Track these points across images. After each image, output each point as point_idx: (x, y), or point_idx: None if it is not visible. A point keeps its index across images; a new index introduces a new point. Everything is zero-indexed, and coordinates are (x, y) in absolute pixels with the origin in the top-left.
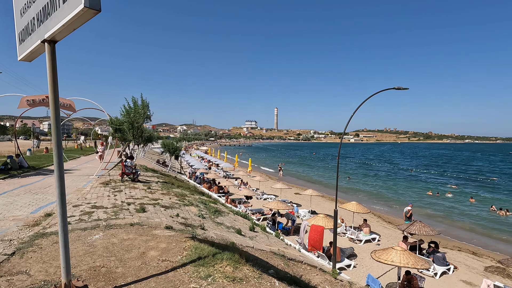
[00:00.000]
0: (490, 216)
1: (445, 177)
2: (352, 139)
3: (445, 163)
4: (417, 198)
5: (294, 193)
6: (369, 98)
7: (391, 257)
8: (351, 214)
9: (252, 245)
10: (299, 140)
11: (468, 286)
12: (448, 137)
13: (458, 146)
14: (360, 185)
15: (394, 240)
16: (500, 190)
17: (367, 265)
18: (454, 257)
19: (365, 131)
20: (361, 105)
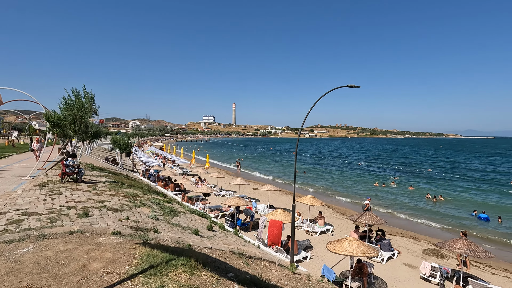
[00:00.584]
0: (426, 203)
1: (389, 169)
2: (307, 134)
3: (388, 156)
4: (365, 189)
5: (252, 189)
6: (324, 96)
7: (344, 248)
8: (307, 207)
9: (210, 246)
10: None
11: (409, 268)
12: (391, 132)
13: (399, 140)
14: (315, 179)
15: (347, 230)
16: (434, 180)
17: (322, 256)
18: (398, 243)
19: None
20: (317, 102)
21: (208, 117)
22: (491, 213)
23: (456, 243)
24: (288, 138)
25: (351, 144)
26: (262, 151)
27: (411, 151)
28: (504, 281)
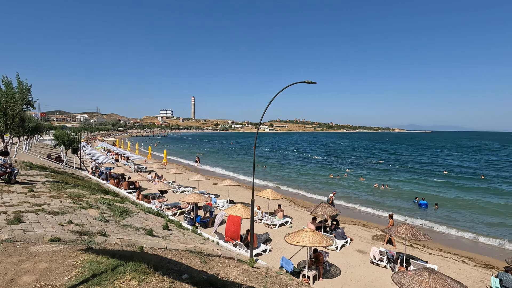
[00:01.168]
0: (374, 192)
1: (343, 162)
2: (267, 129)
3: (342, 150)
4: (321, 181)
5: (212, 184)
6: (282, 91)
7: (301, 239)
8: (267, 201)
9: (165, 246)
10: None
11: (360, 254)
12: (345, 127)
13: (352, 135)
14: (275, 173)
15: (304, 221)
16: (381, 171)
17: (281, 248)
18: (350, 231)
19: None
20: (275, 97)
21: (166, 111)
22: (429, 200)
23: (400, 229)
24: (248, 133)
25: (309, 138)
26: (223, 145)
27: (362, 144)
28: (439, 260)
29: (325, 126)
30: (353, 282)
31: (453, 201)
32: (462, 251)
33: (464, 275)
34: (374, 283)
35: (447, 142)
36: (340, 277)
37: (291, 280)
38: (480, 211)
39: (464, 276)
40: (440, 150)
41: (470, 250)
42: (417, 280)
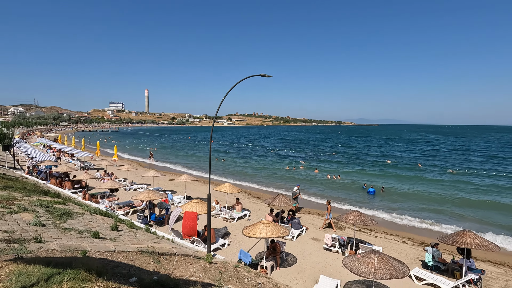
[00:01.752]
0: (327, 182)
1: (299, 154)
2: (226, 122)
3: (298, 143)
4: (278, 174)
5: (168, 180)
6: (238, 84)
7: (259, 231)
8: (225, 195)
9: (113, 249)
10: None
11: (315, 241)
12: (301, 120)
13: (307, 128)
14: (234, 167)
15: (262, 214)
16: (333, 162)
17: (239, 241)
18: (306, 220)
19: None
20: (231, 90)
21: (116, 104)
22: (376, 188)
23: (350, 215)
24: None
25: (267, 132)
26: (180, 140)
27: (317, 137)
28: (383, 242)
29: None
30: (308, 269)
31: (395, 188)
32: (403, 233)
33: (404, 254)
34: (327, 268)
35: (391, 134)
36: (296, 265)
37: (249, 272)
38: (418, 197)
39: (404, 255)
40: (385, 142)
41: (409, 231)
42: (365, 262)
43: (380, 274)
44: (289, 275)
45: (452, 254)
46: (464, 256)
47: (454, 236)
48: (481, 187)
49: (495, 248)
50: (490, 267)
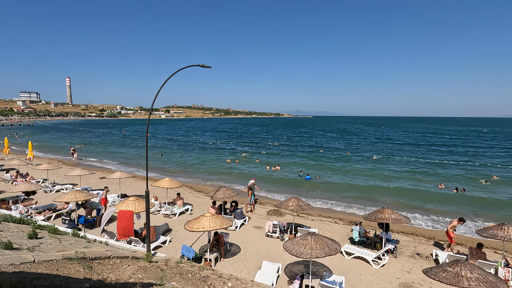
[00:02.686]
0: (267, 172)
1: (240, 146)
2: (163, 115)
3: (239, 135)
4: (219, 166)
5: (99, 178)
6: (174, 74)
7: (201, 224)
8: (165, 190)
9: (32, 259)
10: (103, 117)
11: (257, 229)
12: (241, 112)
13: (248, 120)
14: (173, 161)
15: (205, 207)
16: (272, 153)
17: (182, 236)
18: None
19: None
20: (168, 80)
21: (29, 94)
22: (312, 173)
23: (289, 202)
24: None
25: (207, 124)
26: (111, 134)
27: (257, 129)
28: (319, 224)
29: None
30: (252, 256)
31: (328, 174)
32: (335, 214)
33: (336, 233)
34: (269, 253)
35: (325, 125)
36: (240, 254)
37: (193, 266)
38: (347, 181)
39: (336, 234)
40: (322, 133)
41: (340, 212)
42: (303, 244)
43: (316, 253)
44: (233, 265)
45: (374, 229)
46: (384, 229)
47: (375, 213)
48: (397, 171)
49: (407, 221)
50: (403, 236)
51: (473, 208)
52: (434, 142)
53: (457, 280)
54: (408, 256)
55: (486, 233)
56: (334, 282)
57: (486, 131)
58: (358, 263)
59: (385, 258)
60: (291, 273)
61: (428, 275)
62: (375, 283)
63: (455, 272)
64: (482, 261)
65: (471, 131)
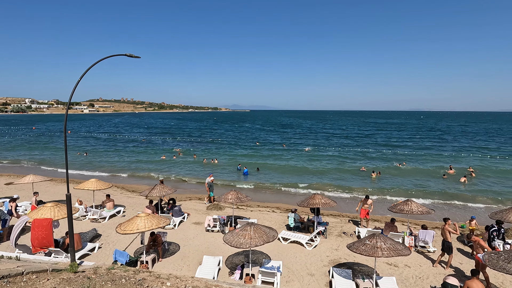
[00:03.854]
0: (206, 166)
1: (176, 142)
2: (86, 110)
3: (175, 130)
4: (154, 163)
5: (4, 184)
6: (97, 63)
7: (136, 226)
8: (91, 192)
9: None
10: (7, 112)
11: (197, 225)
12: (177, 107)
13: (184, 114)
14: (100, 160)
15: (140, 207)
16: (211, 147)
17: (114, 241)
18: (187, 206)
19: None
20: (89, 70)
21: None
22: (250, 167)
23: (228, 195)
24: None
25: (139, 120)
26: (20, 132)
27: (195, 124)
28: (258, 214)
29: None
30: (192, 253)
31: (265, 165)
32: (272, 203)
33: (274, 221)
34: (210, 248)
35: (263, 119)
36: (179, 252)
37: (127, 271)
38: (283, 172)
39: (274, 222)
40: (259, 127)
41: (276, 201)
42: (242, 234)
43: (255, 242)
44: (172, 264)
45: (307, 214)
46: (315, 214)
47: (307, 200)
48: (327, 160)
49: (334, 204)
50: (332, 218)
51: (388, 187)
52: (362, 134)
53: (374, 251)
54: (336, 236)
55: (395, 209)
56: (272, 267)
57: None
58: (294, 247)
59: (317, 240)
60: (232, 264)
61: (351, 249)
62: (308, 263)
63: (372, 245)
64: (393, 233)
65: (391, 123)
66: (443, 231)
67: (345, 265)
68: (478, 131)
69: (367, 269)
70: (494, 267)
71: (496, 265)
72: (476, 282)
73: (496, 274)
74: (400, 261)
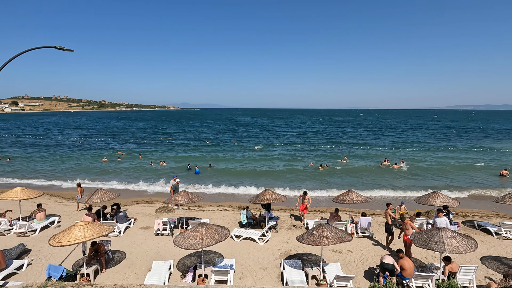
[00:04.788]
0: (152, 168)
1: (118, 143)
2: (8, 108)
3: (119, 131)
4: (95, 166)
5: None
6: (19, 55)
7: (74, 236)
8: (17, 203)
9: None
10: None
11: (145, 230)
12: (120, 105)
13: (128, 113)
14: (29, 166)
15: (78, 216)
16: (160, 148)
17: (47, 255)
18: (133, 210)
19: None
20: (10, 63)
21: None
22: (201, 165)
23: (178, 196)
24: None
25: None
26: None
27: (141, 124)
28: (210, 214)
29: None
30: (140, 259)
31: (218, 164)
32: (224, 202)
33: (227, 220)
34: (160, 253)
35: (214, 117)
36: (126, 260)
37: (63, 287)
38: (235, 170)
39: (227, 220)
40: (210, 125)
41: (228, 200)
42: (193, 235)
43: (207, 242)
44: (118, 273)
45: (259, 210)
46: (266, 209)
47: (259, 196)
48: (277, 156)
49: (284, 199)
50: (282, 213)
51: (332, 180)
52: (310, 131)
53: (320, 240)
54: (286, 229)
55: (339, 199)
56: (226, 266)
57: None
58: (247, 243)
59: (269, 234)
60: (184, 267)
61: (300, 241)
62: (261, 258)
63: (318, 235)
64: (337, 222)
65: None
66: (385, 214)
67: (295, 256)
68: (406, 127)
69: (315, 258)
70: (419, 245)
71: (421, 243)
72: (407, 260)
73: (421, 251)
74: (344, 247)
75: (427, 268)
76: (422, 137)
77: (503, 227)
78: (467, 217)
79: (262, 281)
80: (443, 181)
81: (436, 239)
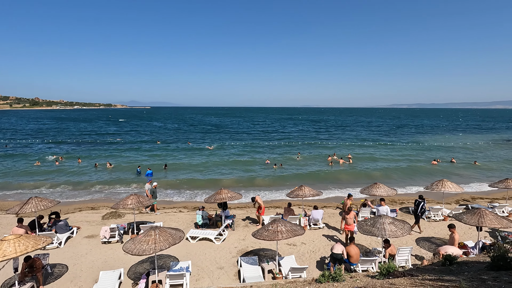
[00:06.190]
0: (98, 171)
1: (55, 146)
2: None
3: (55, 132)
4: (24, 172)
5: None
6: None
7: (2, 252)
8: None
9: None
10: None
11: (90, 239)
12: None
13: (68, 112)
14: None
15: (7, 229)
16: (104, 150)
17: None
18: (76, 219)
19: None
20: None
21: None
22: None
23: (128, 200)
24: None
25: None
26: None
27: (83, 125)
28: (164, 216)
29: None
30: (85, 271)
31: (169, 165)
32: (179, 203)
33: (182, 221)
34: (108, 262)
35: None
36: (68, 273)
37: None
38: (187, 169)
39: (182, 222)
40: (162, 124)
41: (183, 201)
42: (145, 240)
43: (160, 246)
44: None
45: (215, 210)
46: (222, 208)
47: (214, 195)
48: (231, 156)
49: (240, 196)
50: (238, 211)
51: (286, 175)
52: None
53: (275, 235)
54: (243, 226)
55: (292, 194)
56: (181, 269)
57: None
58: (203, 244)
59: (225, 233)
60: (136, 274)
61: (256, 237)
62: (218, 257)
63: (273, 230)
64: (291, 216)
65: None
66: (345, 204)
67: (252, 253)
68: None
69: (271, 253)
70: (364, 232)
71: (365, 230)
72: (352, 247)
73: (366, 238)
74: (298, 240)
75: (371, 253)
76: (367, 133)
77: (432, 211)
78: (403, 204)
79: (219, 281)
80: (384, 173)
81: (378, 226)
